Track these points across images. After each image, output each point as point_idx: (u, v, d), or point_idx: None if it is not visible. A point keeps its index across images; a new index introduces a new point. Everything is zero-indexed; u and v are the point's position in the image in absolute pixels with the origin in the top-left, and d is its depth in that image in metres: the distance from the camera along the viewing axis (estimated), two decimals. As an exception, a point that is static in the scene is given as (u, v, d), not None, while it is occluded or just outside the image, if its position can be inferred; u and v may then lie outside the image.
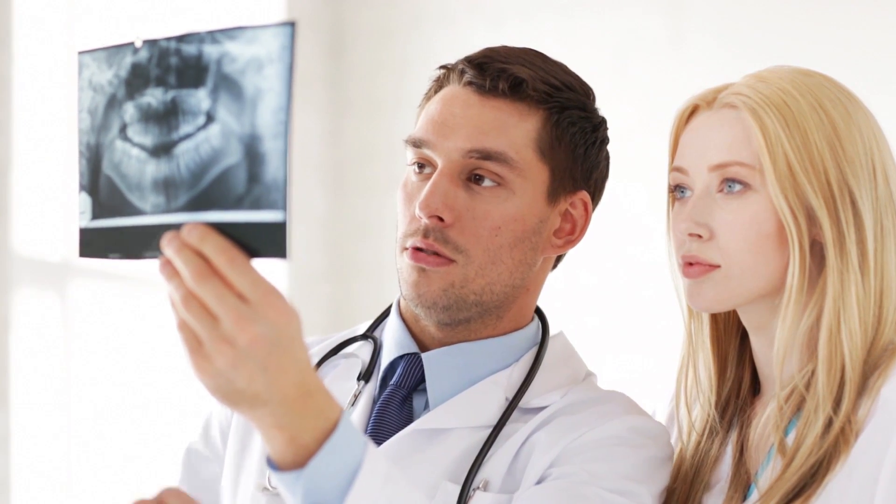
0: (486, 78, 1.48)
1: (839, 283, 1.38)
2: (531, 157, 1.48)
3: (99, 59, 1.14)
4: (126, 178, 1.11)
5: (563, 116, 1.50)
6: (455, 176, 1.47)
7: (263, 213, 1.03)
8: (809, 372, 1.39)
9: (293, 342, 1.06)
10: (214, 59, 1.06)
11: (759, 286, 1.42)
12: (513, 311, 1.52)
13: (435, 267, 1.45)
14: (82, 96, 1.15)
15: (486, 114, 1.48)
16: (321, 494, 1.09)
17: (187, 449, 1.59)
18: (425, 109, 1.53)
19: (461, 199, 1.46)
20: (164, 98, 1.09)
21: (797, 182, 1.39)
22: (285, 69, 1.03)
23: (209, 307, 1.03)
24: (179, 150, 1.08)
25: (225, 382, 1.05)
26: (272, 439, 1.09)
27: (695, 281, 1.44)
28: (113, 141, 1.12)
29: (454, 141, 1.47)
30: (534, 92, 1.48)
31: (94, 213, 1.14)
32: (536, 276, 1.53)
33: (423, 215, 1.45)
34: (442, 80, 1.53)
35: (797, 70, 1.45)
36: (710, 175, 1.43)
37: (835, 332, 1.37)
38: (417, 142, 1.50)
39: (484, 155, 1.46)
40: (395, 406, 1.51)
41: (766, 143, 1.39)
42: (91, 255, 1.16)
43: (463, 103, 1.49)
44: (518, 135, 1.48)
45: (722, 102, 1.45)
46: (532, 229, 1.49)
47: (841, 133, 1.40)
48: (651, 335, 3.90)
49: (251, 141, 1.04)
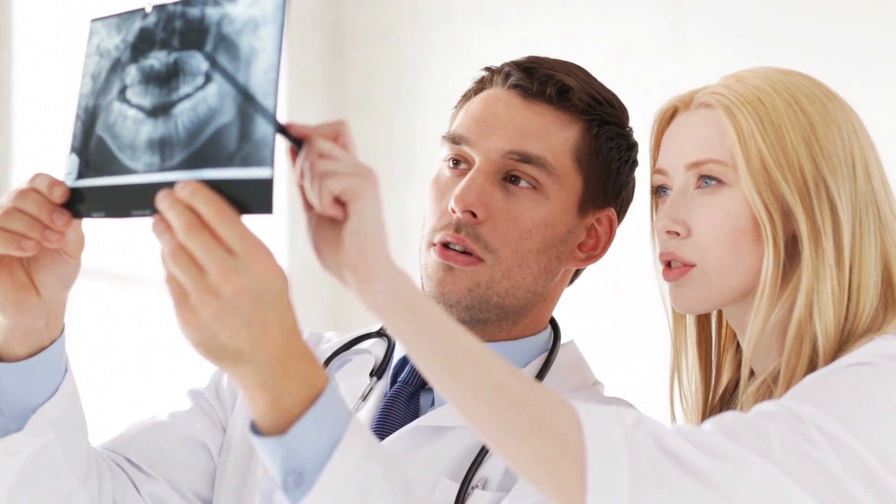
0: (534, 82, 1.50)
1: (814, 277, 1.37)
2: (568, 166, 1.50)
3: (109, 26, 1.18)
4: (118, 139, 1.13)
5: (603, 130, 1.52)
6: (492, 175, 1.48)
7: (252, 169, 1.05)
8: (778, 364, 1.39)
9: (278, 299, 1.07)
10: (215, 21, 1.09)
11: (737, 282, 1.42)
12: (529, 318, 1.53)
13: (463, 266, 1.46)
14: (88, 62, 1.19)
15: (529, 117, 1.50)
16: (300, 462, 1.09)
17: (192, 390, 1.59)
18: (465, 108, 1.54)
19: (496, 198, 1.48)
20: (167, 60, 1.11)
21: (771, 178, 1.39)
22: (277, 29, 1.06)
23: (197, 259, 1.05)
24: (178, 109, 1.10)
25: (209, 336, 1.05)
26: (255, 400, 1.09)
27: (675, 283, 1.44)
28: (111, 103, 1.14)
29: (495, 141, 1.49)
30: (579, 102, 1.51)
31: (79, 172, 1.16)
32: (556, 286, 1.55)
33: (458, 209, 1.47)
34: (484, 81, 1.55)
35: (775, 69, 1.45)
36: (686, 173, 1.44)
37: (804, 326, 1.37)
38: (457, 138, 1.51)
39: (524, 158, 1.48)
40: (402, 402, 1.52)
41: (738, 139, 1.40)
42: (71, 214, 1.18)
43: (506, 105, 1.51)
44: (558, 142, 1.49)
45: (698, 102, 1.46)
46: (560, 238, 1.50)
47: (818, 129, 1.40)
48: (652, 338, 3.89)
49: (244, 99, 1.06)
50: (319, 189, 1.09)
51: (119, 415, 3.86)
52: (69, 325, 1.38)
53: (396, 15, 4.56)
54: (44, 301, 1.28)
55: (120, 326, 3.91)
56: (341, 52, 4.66)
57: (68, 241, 1.23)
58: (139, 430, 1.52)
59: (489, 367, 1.11)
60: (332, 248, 1.12)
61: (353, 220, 1.09)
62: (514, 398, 1.11)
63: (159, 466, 1.49)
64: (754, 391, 1.41)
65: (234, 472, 1.51)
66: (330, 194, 1.09)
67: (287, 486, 1.10)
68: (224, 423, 1.55)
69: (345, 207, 1.10)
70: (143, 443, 1.50)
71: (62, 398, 1.33)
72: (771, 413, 1.22)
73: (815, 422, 1.21)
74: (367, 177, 1.10)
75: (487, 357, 1.12)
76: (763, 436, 1.19)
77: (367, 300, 1.11)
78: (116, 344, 3.89)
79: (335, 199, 1.09)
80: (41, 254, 1.24)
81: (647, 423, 1.15)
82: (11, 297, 1.25)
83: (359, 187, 1.09)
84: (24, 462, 1.32)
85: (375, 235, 1.10)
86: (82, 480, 1.37)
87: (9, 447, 1.31)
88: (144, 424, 1.53)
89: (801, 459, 1.18)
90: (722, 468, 1.15)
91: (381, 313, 1.11)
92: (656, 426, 1.16)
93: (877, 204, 1.41)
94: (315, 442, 1.09)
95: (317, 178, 1.09)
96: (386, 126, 4.48)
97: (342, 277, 1.12)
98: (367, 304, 1.11)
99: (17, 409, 1.31)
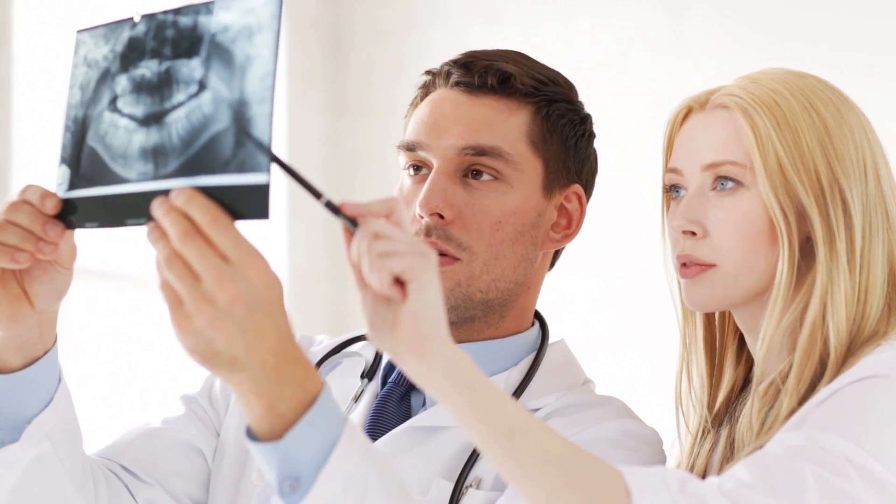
0: (474, 75, 1.51)
1: (828, 279, 1.39)
2: (525, 151, 1.50)
3: (97, 36, 1.18)
4: (110, 149, 1.14)
5: (552, 109, 1.52)
6: (451, 174, 1.49)
7: (248, 175, 1.06)
8: (788, 365, 1.40)
9: (273, 306, 1.07)
10: (208, 30, 1.09)
11: (752, 283, 1.43)
12: (515, 309, 1.53)
13: (441, 267, 1.46)
14: (76, 72, 1.19)
15: (477, 111, 1.50)
16: (296, 467, 1.10)
17: (185, 395, 1.59)
18: (414, 115, 1.56)
19: (460, 196, 1.48)
20: (159, 69, 1.12)
21: (787, 180, 1.40)
22: (273, 36, 1.07)
23: (192, 266, 1.05)
24: (171, 118, 1.10)
25: (204, 343, 1.06)
26: (250, 406, 1.10)
27: (691, 280, 1.45)
28: (101, 113, 1.15)
29: (448, 139, 1.49)
30: (522, 86, 1.51)
31: (70, 183, 1.16)
32: (537, 272, 1.55)
33: (424, 213, 1.47)
34: (428, 85, 1.57)
35: (789, 71, 1.47)
36: (703, 174, 1.45)
37: (818, 327, 1.39)
38: (410, 145, 1.53)
39: (479, 151, 1.48)
40: (394, 403, 1.52)
41: (756, 141, 1.41)
42: (64, 225, 1.19)
43: (452, 103, 1.52)
44: (510, 129, 1.50)
45: (714, 104, 1.47)
46: (531, 223, 1.50)
47: (832, 132, 1.42)
48: (652, 338, 3.89)
49: (239, 106, 1.07)
50: (379, 269, 1.09)
51: (117, 414, 3.86)
52: (68, 325, 1.39)
53: (396, 15, 4.56)
54: (37, 312, 1.28)
55: (118, 327, 3.91)
56: (341, 52, 4.66)
57: (61, 252, 1.24)
58: (133, 437, 1.53)
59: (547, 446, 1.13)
60: (389, 328, 1.11)
61: (412, 299, 1.09)
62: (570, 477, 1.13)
63: (154, 472, 1.50)
64: (763, 391, 1.41)
65: (229, 476, 1.52)
66: (390, 274, 1.09)
67: (284, 491, 1.10)
68: (217, 428, 1.56)
69: (403, 287, 1.10)
70: (137, 449, 1.51)
71: (57, 408, 1.34)
72: (802, 451, 1.24)
73: (845, 454, 1.24)
74: (427, 256, 1.10)
75: (546, 435, 1.13)
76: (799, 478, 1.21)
77: (426, 380, 1.11)
78: (115, 344, 3.89)
79: (394, 280, 1.09)
80: (34, 265, 1.24)
81: (692, 487, 1.17)
82: (5, 309, 1.26)
83: (419, 267, 1.09)
84: (20, 473, 1.32)
85: (435, 315, 1.10)
86: (78, 488, 1.38)
87: (5, 458, 1.32)
88: (138, 431, 1.54)
89: (838, 497, 1.22)
90: None
91: (439, 393, 1.11)
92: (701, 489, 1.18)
93: (885, 206, 1.43)
94: (311, 447, 1.10)
95: (375, 259, 1.09)
96: (386, 126, 4.48)
97: (399, 356, 1.11)
98: (426, 384, 1.12)
99: (13, 420, 1.32)
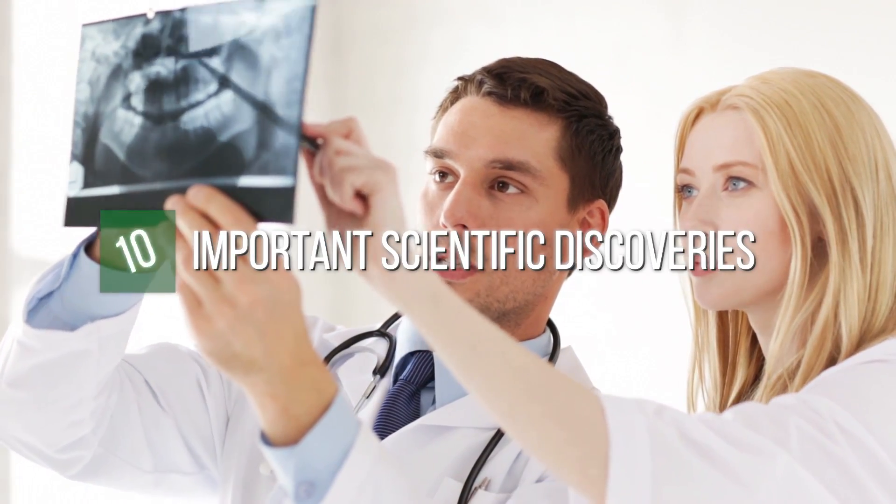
0: (507, 87, 1.50)
1: (841, 278, 1.39)
2: (552, 166, 1.50)
3: (105, 31, 1.16)
4: (125, 147, 1.12)
5: (582, 125, 1.52)
6: (478, 185, 1.48)
7: (272, 178, 1.05)
8: (797, 360, 1.41)
9: (292, 309, 1.08)
10: (231, 29, 1.08)
11: (764, 282, 1.43)
12: (531, 318, 1.54)
13: (461, 279, 1.46)
14: (83, 67, 1.17)
15: (507, 123, 1.49)
16: (312, 472, 1.09)
17: (173, 345, 1.57)
18: (443, 120, 1.54)
19: (485, 208, 1.48)
20: (175, 67, 1.10)
21: (799, 180, 1.40)
22: (304, 40, 1.06)
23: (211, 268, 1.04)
24: (188, 117, 1.09)
25: (223, 345, 1.05)
26: (264, 408, 1.09)
27: (703, 279, 1.45)
28: (114, 110, 1.13)
29: (476, 150, 1.49)
30: (554, 101, 1.50)
31: (85, 181, 1.15)
32: (555, 284, 1.55)
33: (449, 224, 1.47)
34: (459, 91, 1.55)
35: (800, 71, 1.47)
36: (715, 175, 1.45)
37: (829, 325, 1.39)
38: (438, 152, 1.51)
39: (506, 165, 1.48)
40: (403, 401, 1.52)
41: (767, 142, 1.41)
42: (78, 223, 1.18)
43: (483, 113, 1.50)
44: (539, 144, 1.49)
45: (725, 104, 1.46)
46: (553, 237, 1.49)
47: (843, 131, 1.42)
48: (654, 339, 3.89)
49: (263, 108, 1.06)
50: (340, 185, 1.09)
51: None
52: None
53: (396, 15, 4.56)
54: None
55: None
56: (341, 52, 4.66)
57: None
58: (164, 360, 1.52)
59: (512, 355, 1.12)
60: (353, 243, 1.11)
61: (374, 212, 1.10)
62: (536, 386, 1.12)
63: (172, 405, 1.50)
64: (771, 385, 1.42)
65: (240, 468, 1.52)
66: (352, 188, 1.09)
67: (299, 496, 1.10)
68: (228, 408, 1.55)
69: (365, 201, 1.10)
70: (163, 376, 1.50)
71: (123, 321, 1.33)
72: (790, 405, 1.23)
73: (832, 416, 1.23)
74: (387, 169, 1.11)
75: (510, 346, 1.13)
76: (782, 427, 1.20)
77: (390, 291, 1.11)
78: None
79: (356, 194, 1.10)
80: None
81: (669, 412, 1.16)
82: None
83: (380, 179, 1.10)
84: (56, 357, 1.32)
85: (398, 227, 1.10)
86: (97, 394, 1.39)
87: (51, 340, 1.31)
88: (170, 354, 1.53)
89: (819, 452, 1.20)
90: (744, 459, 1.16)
91: (403, 304, 1.11)
92: (678, 415, 1.17)
93: None
94: (327, 451, 1.09)
95: (337, 175, 1.10)
96: (385, 126, 4.48)
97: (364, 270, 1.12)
98: (390, 296, 1.11)
99: (74, 308, 1.31)
